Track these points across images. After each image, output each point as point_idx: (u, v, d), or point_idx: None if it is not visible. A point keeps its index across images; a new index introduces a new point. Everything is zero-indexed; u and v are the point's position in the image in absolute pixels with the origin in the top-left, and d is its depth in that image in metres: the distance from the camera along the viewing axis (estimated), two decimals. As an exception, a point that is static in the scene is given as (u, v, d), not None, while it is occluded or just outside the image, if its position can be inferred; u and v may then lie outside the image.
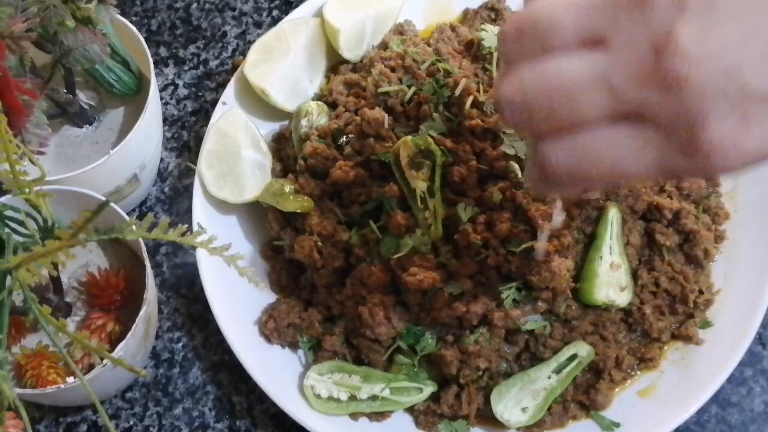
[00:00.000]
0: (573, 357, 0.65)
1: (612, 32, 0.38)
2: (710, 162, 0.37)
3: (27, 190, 0.51)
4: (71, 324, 0.66)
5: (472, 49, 0.73)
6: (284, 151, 0.74)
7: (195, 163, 0.73)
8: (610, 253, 0.65)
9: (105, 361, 0.60)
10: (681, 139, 0.37)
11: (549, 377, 0.65)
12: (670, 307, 0.67)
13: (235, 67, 0.80)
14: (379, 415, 0.66)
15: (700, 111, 0.36)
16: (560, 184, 0.42)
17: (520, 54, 0.41)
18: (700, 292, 0.68)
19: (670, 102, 0.37)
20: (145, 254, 0.62)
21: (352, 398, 0.66)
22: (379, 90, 0.69)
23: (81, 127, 0.73)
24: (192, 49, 0.85)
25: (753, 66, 0.36)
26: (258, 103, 0.76)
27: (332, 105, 0.74)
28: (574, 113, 0.39)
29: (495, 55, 0.71)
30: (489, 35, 0.72)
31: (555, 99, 0.39)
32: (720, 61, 0.36)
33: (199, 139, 0.77)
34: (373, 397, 0.66)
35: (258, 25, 0.87)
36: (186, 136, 0.81)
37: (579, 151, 0.40)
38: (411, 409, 0.67)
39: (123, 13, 0.75)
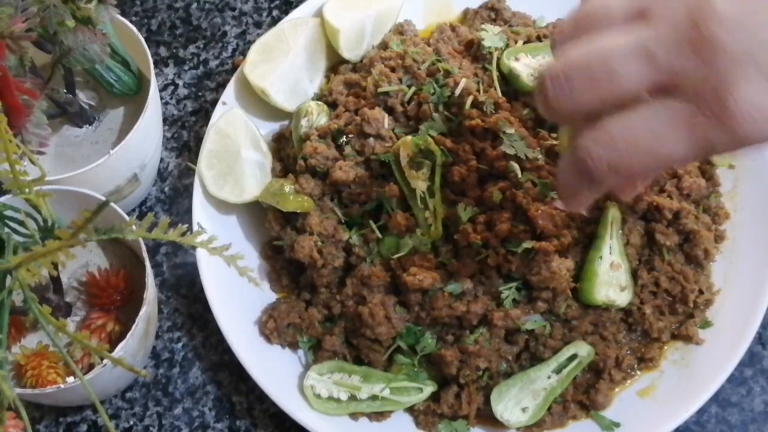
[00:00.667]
0: (573, 357, 0.65)
1: (654, 5, 0.39)
2: (742, 128, 0.37)
3: (27, 190, 0.51)
4: (71, 324, 0.66)
5: (472, 49, 0.73)
6: (284, 151, 0.74)
7: (195, 163, 0.73)
8: (610, 253, 0.65)
9: (105, 361, 0.60)
10: (712, 106, 0.38)
11: (549, 377, 0.65)
12: (670, 307, 0.67)
13: (235, 67, 0.80)
14: (379, 415, 0.66)
15: (730, 75, 0.37)
16: (602, 180, 0.42)
17: (572, 41, 0.42)
18: (700, 292, 0.68)
19: (702, 67, 0.37)
20: (145, 254, 0.62)
21: (352, 398, 0.66)
22: (379, 90, 0.69)
23: (81, 127, 0.73)
24: (192, 49, 0.86)
25: None
26: (258, 103, 0.76)
27: (332, 105, 0.74)
28: (613, 84, 0.40)
29: (495, 55, 0.71)
30: (489, 35, 0.72)
31: (595, 69, 0.40)
32: (752, 28, 0.37)
33: (199, 139, 0.77)
34: (373, 397, 0.66)
35: (258, 25, 0.87)
36: (186, 136, 0.81)
37: (617, 139, 0.40)
38: (411, 409, 0.67)
39: (123, 13, 0.75)
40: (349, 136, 0.68)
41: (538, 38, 0.75)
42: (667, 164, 0.40)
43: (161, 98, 0.81)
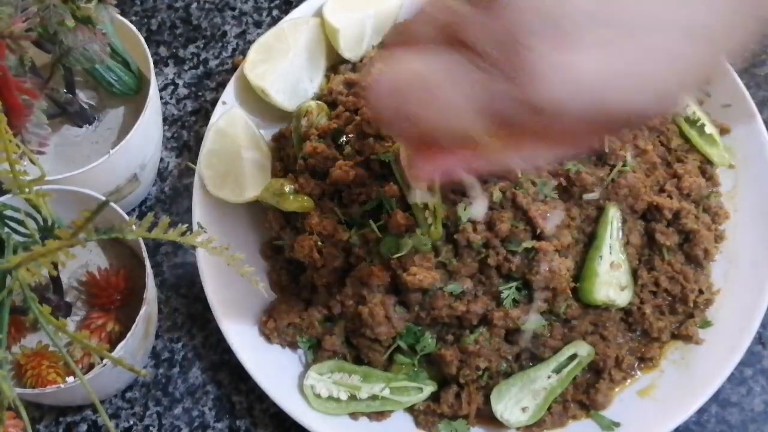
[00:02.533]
0: (573, 357, 0.65)
1: None
2: (536, 87, 0.34)
3: (27, 189, 0.51)
4: (71, 324, 0.66)
5: (472, 49, 0.73)
6: (284, 150, 0.74)
7: (195, 162, 0.73)
8: (610, 253, 0.65)
9: (105, 361, 0.60)
10: (506, 63, 0.35)
11: (549, 377, 0.65)
12: (670, 307, 0.67)
13: (235, 67, 0.80)
14: (379, 415, 0.66)
15: (523, 31, 0.34)
16: (390, 121, 0.40)
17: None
18: (700, 291, 0.68)
19: (495, 23, 0.35)
20: (145, 254, 0.62)
21: (352, 398, 0.66)
22: (379, 90, 0.69)
23: (81, 126, 0.73)
24: (192, 48, 0.85)
25: None
26: (258, 102, 0.76)
27: (332, 105, 0.74)
28: (411, 32, 0.38)
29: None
30: (489, 35, 0.72)
31: (402, 25, 0.39)
32: None
33: (199, 139, 0.77)
34: (373, 397, 0.66)
35: (258, 24, 0.87)
36: (186, 135, 0.81)
37: (403, 75, 0.38)
38: (411, 409, 0.67)
39: (123, 13, 0.75)
40: (349, 135, 0.68)
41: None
42: (453, 121, 0.37)
43: (161, 98, 0.81)
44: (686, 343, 0.68)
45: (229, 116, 0.74)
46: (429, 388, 0.66)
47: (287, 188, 0.68)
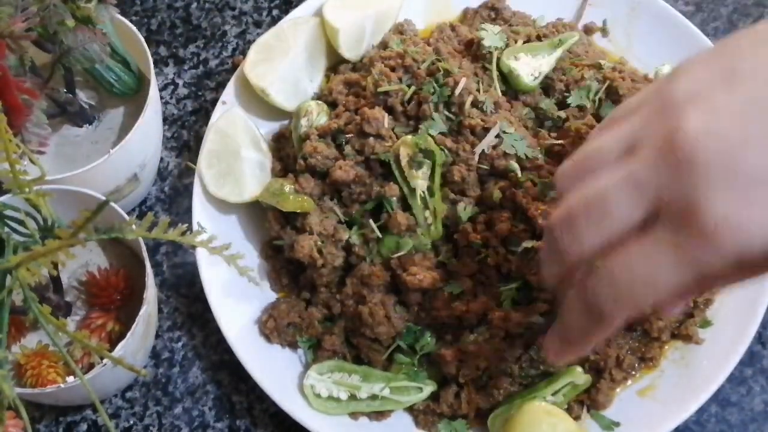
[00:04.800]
0: (569, 384, 0.65)
1: (639, 139, 0.40)
2: (719, 243, 0.37)
3: (27, 189, 0.51)
4: (71, 323, 0.66)
5: (472, 49, 0.73)
6: (284, 150, 0.74)
7: (195, 162, 0.73)
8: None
9: (105, 361, 0.60)
10: (690, 227, 0.38)
11: (545, 399, 0.64)
12: (670, 307, 0.67)
13: (235, 67, 0.80)
14: (378, 415, 0.66)
15: (703, 191, 0.37)
16: (612, 317, 0.42)
17: (572, 184, 0.43)
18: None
19: (680, 186, 0.38)
20: (145, 254, 0.62)
21: (352, 397, 0.66)
22: (379, 89, 0.69)
23: (81, 126, 0.73)
24: (192, 48, 0.86)
25: (755, 149, 0.37)
26: (258, 102, 0.76)
27: (332, 104, 0.74)
28: (612, 219, 0.40)
29: (495, 54, 0.71)
30: (489, 34, 0.72)
31: (593, 210, 0.41)
32: (722, 144, 0.37)
33: (199, 139, 0.77)
34: (373, 397, 0.66)
35: (258, 24, 0.87)
36: (186, 135, 0.81)
37: (617, 277, 0.41)
38: (411, 409, 0.67)
39: (123, 13, 0.75)
40: (349, 135, 0.68)
41: (538, 37, 0.75)
42: (671, 292, 0.40)
43: (161, 98, 0.81)
44: (686, 343, 0.68)
45: (229, 116, 0.74)
46: (429, 388, 0.66)
47: (287, 188, 0.68)
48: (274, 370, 0.67)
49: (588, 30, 0.80)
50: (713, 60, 0.40)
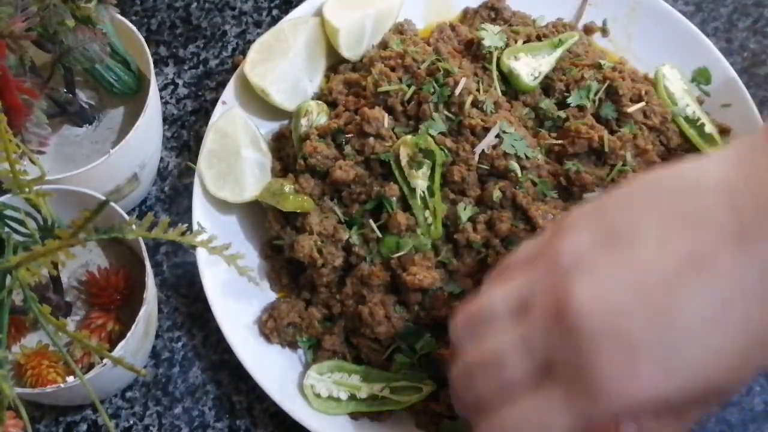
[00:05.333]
0: None
1: (532, 299, 0.44)
2: (611, 399, 0.40)
3: (27, 189, 0.51)
4: (71, 323, 0.66)
5: (472, 49, 0.73)
6: (284, 150, 0.74)
7: (195, 162, 0.73)
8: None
9: (105, 361, 0.60)
10: (582, 385, 0.41)
11: None
12: (670, 307, 0.67)
13: (234, 67, 0.80)
14: (378, 415, 0.66)
15: (589, 355, 0.40)
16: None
17: (468, 338, 0.48)
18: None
19: (568, 350, 0.41)
20: (145, 254, 0.62)
21: (352, 397, 0.66)
22: (379, 89, 0.69)
23: (81, 126, 0.73)
24: (192, 48, 0.86)
25: (635, 314, 0.40)
26: (258, 102, 0.76)
27: (332, 104, 0.74)
28: (505, 375, 0.44)
29: (495, 54, 0.71)
30: (489, 34, 0.72)
31: (489, 366, 0.45)
32: (605, 312, 0.41)
33: (199, 139, 0.77)
34: (373, 397, 0.66)
35: (258, 24, 0.87)
36: (186, 135, 0.81)
37: (508, 428, 0.44)
38: (411, 409, 0.67)
39: (123, 13, 0.75)
40: (349, 135, 0.68)
41: (538, 37, 0.75)
42: None
43: (161, 98, 0.81)
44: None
45: (229, 116, 0.74)
46: (428, 388, 0.66)
47: (287, 188, 0.68)
48: (274, 370, 0.67)
49: (588, 30, 0.80)
50: (595, 219, 0.44)
